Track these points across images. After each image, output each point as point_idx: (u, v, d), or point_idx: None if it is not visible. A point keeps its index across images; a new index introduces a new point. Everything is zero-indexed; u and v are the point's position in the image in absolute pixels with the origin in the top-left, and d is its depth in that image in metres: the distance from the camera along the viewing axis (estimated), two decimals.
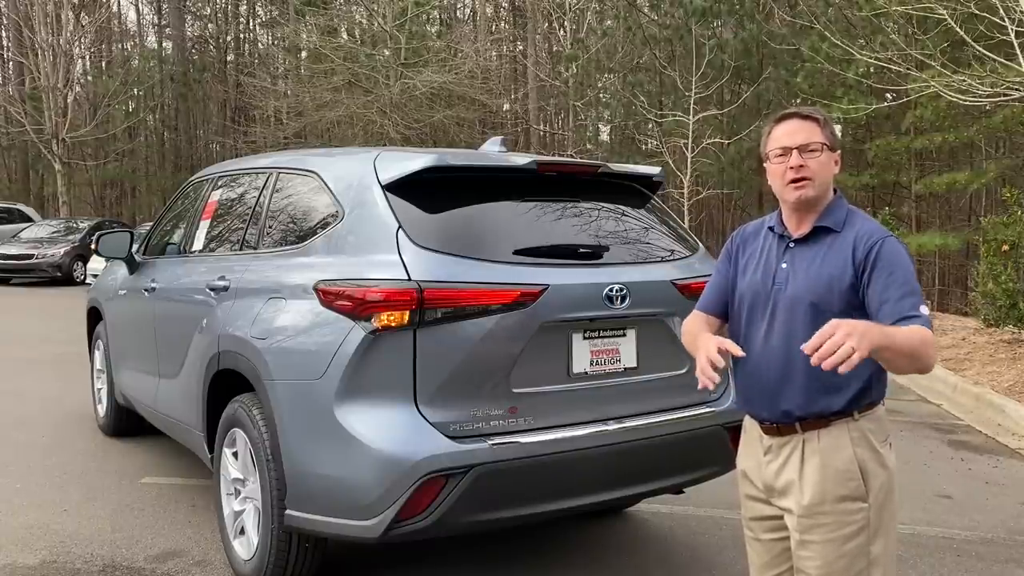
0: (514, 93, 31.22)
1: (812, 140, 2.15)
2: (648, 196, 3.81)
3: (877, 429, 2.15)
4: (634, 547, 4.05)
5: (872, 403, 2.15)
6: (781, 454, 2.18)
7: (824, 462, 2.11)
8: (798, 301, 2.14)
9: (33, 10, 25.74)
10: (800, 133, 2.16)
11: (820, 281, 2.12)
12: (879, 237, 2.11)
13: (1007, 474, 5.44)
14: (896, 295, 2.03)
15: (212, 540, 3.95)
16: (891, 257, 2.08)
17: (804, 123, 2.17)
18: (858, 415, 2.12)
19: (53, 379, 7.82)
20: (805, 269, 2.16)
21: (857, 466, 2.10)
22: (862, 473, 2.10)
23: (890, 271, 2.06)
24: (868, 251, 2.09)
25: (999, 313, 9.24)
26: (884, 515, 2.12)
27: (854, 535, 2.09)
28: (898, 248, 2.11)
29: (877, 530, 2.10)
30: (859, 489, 2.09)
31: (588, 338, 3.20)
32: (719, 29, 22.23)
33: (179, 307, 4.41)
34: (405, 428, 2.92)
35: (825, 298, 2.10)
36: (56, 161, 26.43)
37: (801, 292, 2.14)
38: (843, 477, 2.10)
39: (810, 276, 2.14)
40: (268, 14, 36.90)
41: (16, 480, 4.89)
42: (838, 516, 2.09)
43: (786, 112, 2.24)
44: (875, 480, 2.11)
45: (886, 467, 2.14)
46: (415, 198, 3.18)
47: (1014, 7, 9.90)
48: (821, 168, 2.15)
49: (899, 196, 24.09)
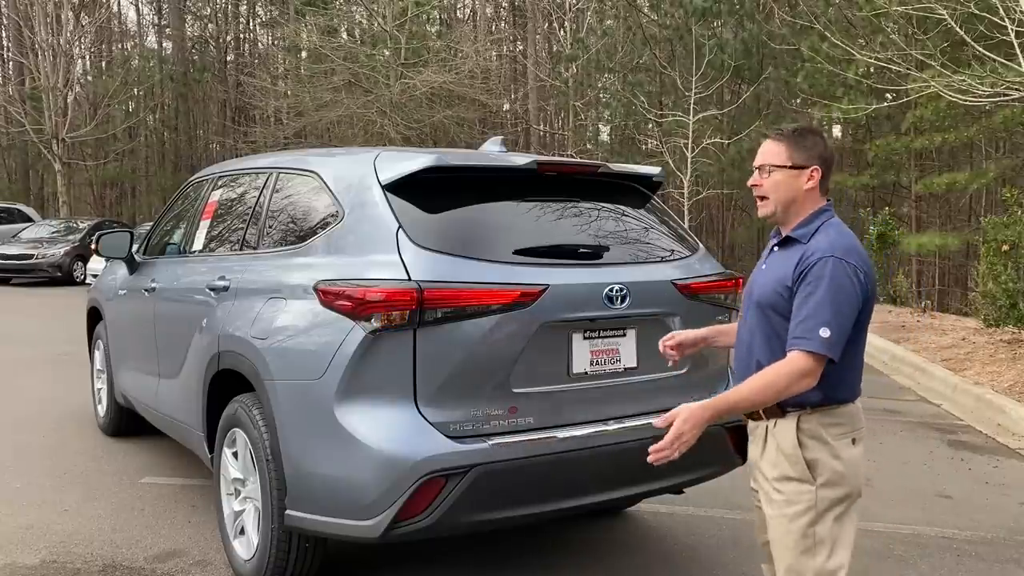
0: (514, 93, 31.25)
1: (768, 162, 2.37)
2: (648, 196, 3.80)
3: (832, 423, 2.34)
4: (634, 547, 4.05)
5: (825, 402, 2.32)
6: (756, 435, 2.45)
7: (777, 445, 2.35)
8: (756, 301, 2.41)
9: (33, 10, 25.73)
10: (762, 155, 2.40)
11: (769, 287, 2.36)
12: (820, 256, 2.26)
13: (1007, 474, 5.44)
14: (800, 316, 2.23)
15: (212, 540, 3.95)
16: (817, 275, 2.23)
17: (771, 144, 2.39)
18: (811, 409, 2.32)
19: (53, 379, 7.82)
20: (768, 274, 2.40)
21: (800, 452, 2.32)
22: (807, 460, 2.31)
23: (809, 291, 2.23)
24: (804, 266, 2.27)
25: (999, 313, 9.24)
26: (831, 500, 2.31)
27: (800, 514, 2.31)
28: (830, 269, 2.23)
29: (823, 513, 2.30)
30: (804, 473, 2.31)
31: (588, 338, 3.20)
32: (719, 29, 22.23)
33: (179, 307, 4.41)
34: (405, 428, 2.92)
35: (772, 302, 2.34)
36: (56, 161, 26.44)
37: (758, 294, 2.40)
38: (791, 460, 2.33)
39: (767, 281, 2.38)
40: (268, 14, 36.92)
41: (16, 480, 4.89)
42: (786, 495, 2.33)
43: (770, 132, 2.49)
44: (822, 467, 2.31)
45: (838, 458, 2.32)
46: (415, 198, 3.18)
47: (1014, 7, 9.91)
48: (774, 187, 2.36)
49: (899, 196, 24.11)
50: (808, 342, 2.20)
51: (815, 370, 2.21)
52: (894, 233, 15.42)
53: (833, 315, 2.20)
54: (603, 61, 23.65)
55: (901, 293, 15.51)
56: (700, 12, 20.81)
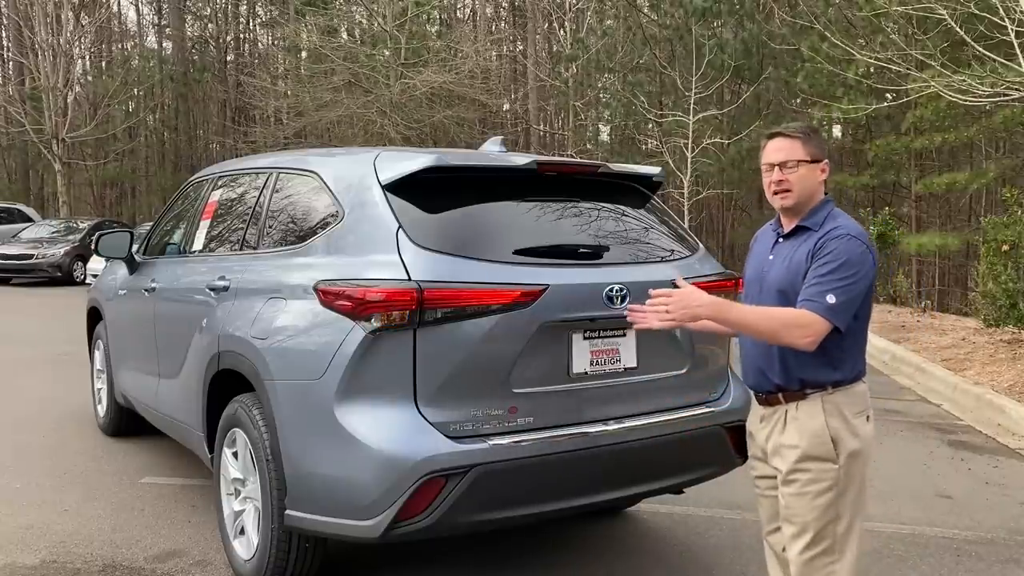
0: (514, 93, 31.26)
1: (791, 158, 2.50)
2: (648, 196, 3.80)
3: (850, 403, 2.48)
4: (634, 547, 4.05)
5: (843, 381, 2.46)
6: (771, 421, 2.55)
7: (801, 428, 2.47)
8: (772, 288, 2.51)
9: (33, 10, 25.73)
10: (782, 151, 2.51)
11: (788, 272, 2.47)
12: (835, 234, 2.42)
13: (1007, 474, 5.44)
14: (812, 280, 2.37)
15: (212, 540, 3.95)
16: (830, 249, 2.39)
17: (786, 141, 2.52)
18: (831, 389, 2.46)
19: (53, 379, 7.82)
20: (781, 261, 2.52)
21: (828, 432, 2.44)
22: (832, 438, 2.44)
23: (823, 260, 2.38)
24: (819, 244, 2.42)
25: (999, 313, 9.24)
26: (852, 476, 2.45)
27: (825, 491, 2.43)
28: (844, 244, 2.38)
29: (846, 488, 2.45)
30: (830, 452, 2.43)
31: (588, 338, 3.20)
32: (719, 29, 22.23)
33: (179, 307, 4.41)
34: (405, 428, 2.92)
35: (790, 286, 2.44)
36: (56, 161, 26.44)
37: (774, 280, 2.51)
38: (816, 440, 2.44)
39: (782, 267, 2.50)
40: (268, 14, 36.92)
41: (16, 480, 4.89)
42: (812, 474, 2.44)
43: (775, 131, 2.59)
44: (844, 445, 2.44)
45: (857, 436, 2.46)
46: (415, 198, 3.18)
47: (1014, 7, 9.91)
48: (799, 180, 2.50)
49: (899, 196, 24.11)
50: (814, 304, 2.34)
51: (814, 328, 2.33)
52: (894, 233, 15.41)
53: (841, 285, 2.34)
54: (603, 61, 23.66)
55: (901, 293, 15.51)
56: (700, 12, 20.82)
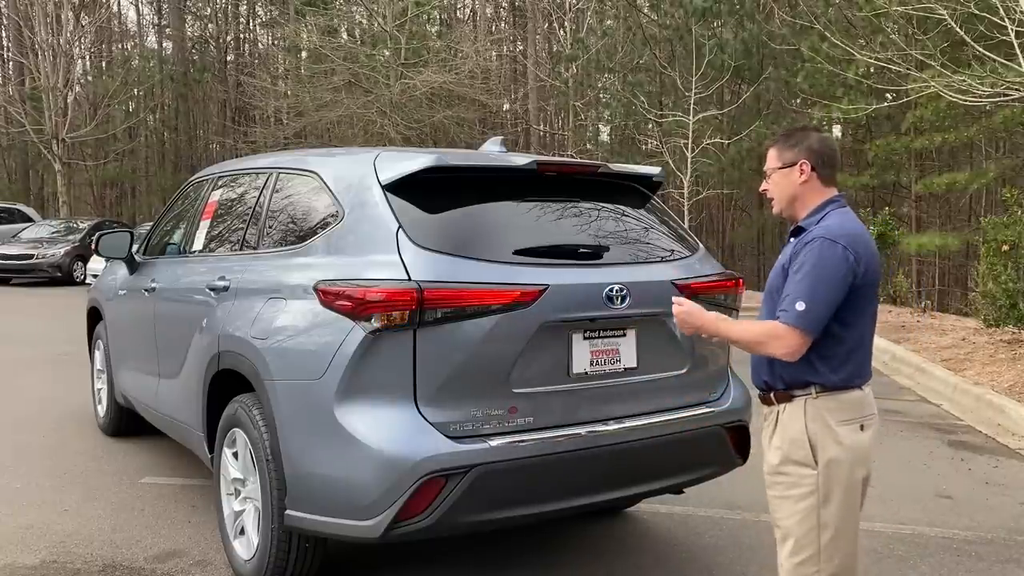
0: (514, 93, 31.24)
1: (768, 167, 2.59)
2: (648, 196, 3.80)
3: (838, 409, 2.43)
4: (634, 547, 4.05)
5: (830, 385, 2.42)
6: (768, 421, 2.56)
7: (784, 430, 2.47)
8: (766, 291, 2.55)
9: (33, 10, 25.73)
10: (766, 161, 2.61)
11: (774, 275, 2.52)
12: (807, 238, 2.42)
13: (1007, 474, 5.44)
14: (787, 289, 2.40)
15: (212, 540, 3.95)
16: (804, 254, 2.39)
17: (770, 150, 2.60)
18: (816, 393, 2.42)
19: (53, 379, 7.82)
20: (778, 262, 2.54)
21: (807, 437, 2.41)
22: (811, 444, 2.41)
23: (796, 267, 2.40)
24: (795, 249, 2.45)
25: (999, 313, 9.24)
26: (834, 485, 2.39)
27: (804, 496, 2.40)
28: (816, 248, 2.37)
29: (827, 496, 2.39)
30: (808, 457, 2.41)
31: (588, 338, 3.20)
32: (719, 29, 22.23)
33: (179, 307, 4.41)
34: (405, 428, 2.92)
35: (775, 289, 2.47)
36: (56, 161, 26.44)
37: (769, 281, 2.55)
38: (796, 444, 2.43)
39: (775, 268, 2.53)
40: (268, 14, 36.91)
41: (16, 480, 4.89)
42: (791, 477, 2.43)
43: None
44: (824, 452, 2.40)
45: (840, 444, 2.40)
46: (415, 198, 3.18)
47: (1014, 7, 9.91)
48: (775, 187, 2.58)
49: (899, 196, 24.11)
50: (785, 315, 2.35)
51: (788, 340, 2.34)
52: (894, 233, 15.41)
53: (811, 290, 2.33)
54: (603, 61, 23.65)
55: (901, 293, 15.50)
56: (700, 12, 20.81)
